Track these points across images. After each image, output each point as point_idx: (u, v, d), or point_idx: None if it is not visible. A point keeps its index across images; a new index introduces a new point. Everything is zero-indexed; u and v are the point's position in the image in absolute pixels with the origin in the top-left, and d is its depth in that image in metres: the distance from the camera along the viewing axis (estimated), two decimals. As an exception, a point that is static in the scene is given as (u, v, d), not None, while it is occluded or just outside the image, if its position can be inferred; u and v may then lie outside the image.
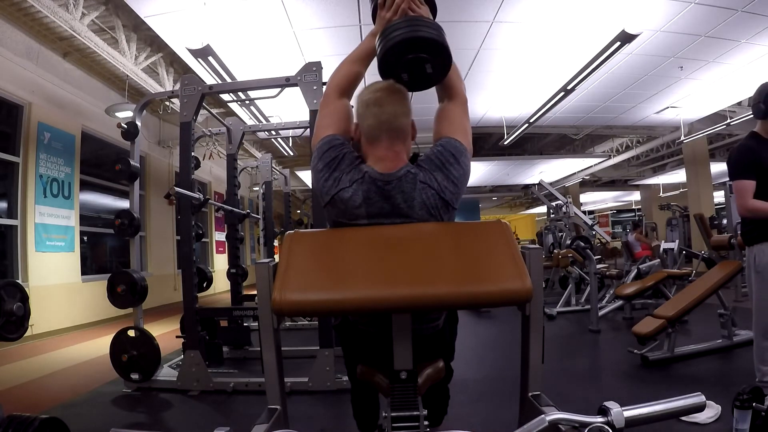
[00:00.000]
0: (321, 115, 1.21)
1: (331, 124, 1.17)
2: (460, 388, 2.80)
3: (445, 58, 1.11)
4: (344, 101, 1.22)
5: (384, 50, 1.09)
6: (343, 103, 1.21)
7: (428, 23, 1.08)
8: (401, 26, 1.07)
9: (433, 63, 1.11)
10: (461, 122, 1.19)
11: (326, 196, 1.11)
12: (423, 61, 1.10)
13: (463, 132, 1.17)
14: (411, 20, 1.08)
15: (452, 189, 1.09)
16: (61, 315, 5.56)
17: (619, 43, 4.57)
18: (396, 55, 1.09)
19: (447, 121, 1.19)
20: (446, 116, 1.19)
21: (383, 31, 1.10)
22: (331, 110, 1.19)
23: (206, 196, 3.45)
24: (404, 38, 1.06)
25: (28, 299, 2.10)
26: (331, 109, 1.20)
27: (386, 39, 1.08)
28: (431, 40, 1.06)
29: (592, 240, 6.60)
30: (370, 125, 1.12)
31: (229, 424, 0.73)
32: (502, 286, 0.85)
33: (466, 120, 1.21)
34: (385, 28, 1.10)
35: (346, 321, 1.21)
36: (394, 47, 1.07)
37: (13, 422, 1.51)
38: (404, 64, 1.11)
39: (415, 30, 1.06)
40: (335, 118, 1.18)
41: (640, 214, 14.58)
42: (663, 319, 3.16)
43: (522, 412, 0.98)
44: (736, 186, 2.10)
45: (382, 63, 1.12)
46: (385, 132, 1.11)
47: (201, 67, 4.84)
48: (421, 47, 1.07)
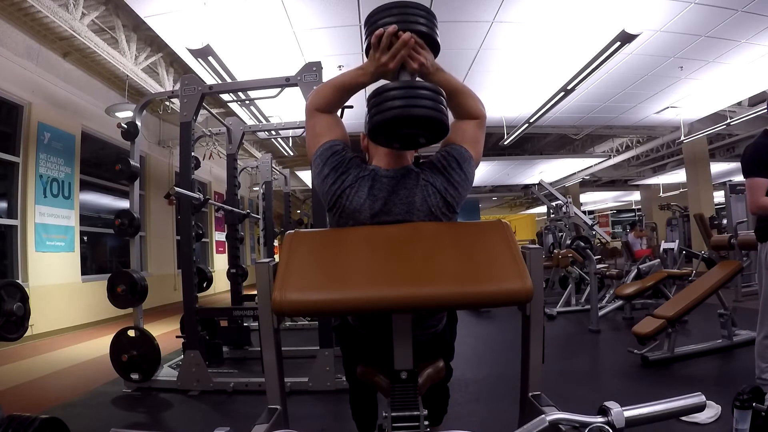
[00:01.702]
0: (311, 125, 1.17)
1: (326, 131, 1.16)
2: (460, 387, 2.80)
3: (441, 131, 1.04)
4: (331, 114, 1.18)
5: (376, 122, 1.00)
6: (329, 114, 1.18)
7: (426, 93, 0.98)
8: (396, 96, 0.97)
9: (427, 137, 1.04)
10: (473, 134, 1.16)
11: (332, 197, 1.10)
12: (416, 135, 1.04)
13: (473, 141, 1.16)
14: (408, 90, 0.98)
15: (453, 192, 1.10)
16: (61, 315, 5.56)
17: (619, 43, 4.57)
18: (387, 129, 1.01)
19: (459, 132, 1.16)
20: (459, 129, 1.17)
21: (376, 94, 1.00)
22: (320, 120, 1.16)
23: (206, 196, 3.45)
24: (398, 115, 0.97)
25: (28, 299, 2.10)
26: (319, 120, 1.16)
27: (378, 110, 0.99)
28: (427, 117, 0.98)
29: (592, 240, 6.60)
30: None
31: (229, 424, 0.73)
32: (502, 286, 0.85)
33: (480, 131, 1.18)
34: (379, 91, 1.00)
35: (345, 323, 1.21)
36: (386, 123, 0.98)
37: (13, 422, 1.51)
38: (395, 137, 1.04)
39: (410, 105, 0.96)
40: (327, 126, 1.16)
41: (640, 214, 14.58)
42: (663, 319, 3.16)
43: (522, 412, 0.98)
44: (750, 183, 2.11)
45: (372, 132, 1.04)
46: None
47: (201, 67, 4.84)
48: (416, 124, 1.00)
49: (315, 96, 1.16)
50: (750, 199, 2.12)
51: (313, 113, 1.16)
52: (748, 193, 2.14)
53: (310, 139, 1.18)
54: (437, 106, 0.98)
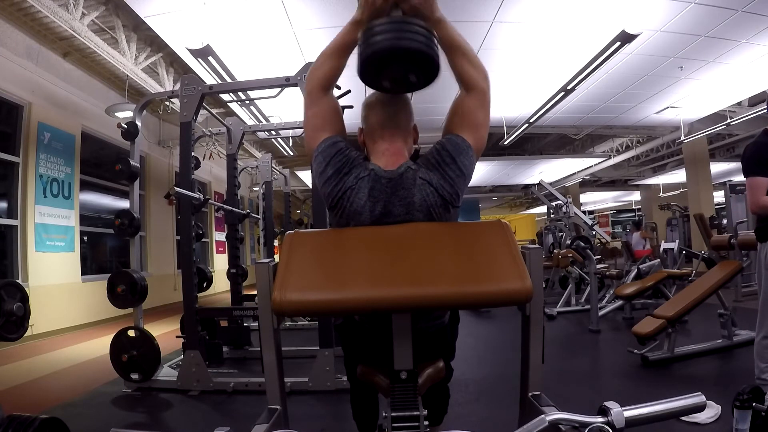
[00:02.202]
0: (310, 115, 1.15)
1: (326, 125, 1.14)
2: (460, 387, 2.81)
3: (433, 69, 1.00)
4: (330, 98, 1.17)
5: (363, 57, 0.96)
6: (329, 100, 1.16)
7: (416, 28, 0.94)
8: (384, 30, 0.94)
9: (418, 74, 1.01)
10: (473, 116, 1.13)
11: (334, 198, 1.10)
12: (407, 71, 1.00)
13: (473, 126, 1.12)
14: (396, 23, 0.95)
15: (449, 189, 1.08)
16: (61, 315, 5.56)
17: (619, 43, 4.57)
18: (376, 64, 0.97)
19: (457, 114, 1.13)
20: (458, 109, 1.13)
21: (365, 31, 0.98)
22: (321, 110, 1.15)
23: (206, 196, 3.45)
24: (385, 47, 0.93)
25: (28, 299, 2.10)
26: (320, 109, 1.15)
27: (366, 44, 0.96)
28: (417, 51, 0.94)
29: (592, 240, 6.60)
30: (372, 124, 1.15)
31: (229, 424, 0.73)
32: (502, 286, 0.85)
33: (482, 112, 1.14)
34: (368, 28, 0.97)
35: (350, 321, 1.21)
36: (374, 56, 0.95)
37: (13, 422, 1.51)
38: (385, 74, 1.01)
39: (399, 37, 0.93)
40: (327, 118, 1.15)
41: (640, 214, 14.58)
42: (663, 319, 3.16)
43: (522, 412, 0.98)
44: (750, 183, 2.11)
45: (362, 70, 1.00)
46: (386, 129, 1.13)
47: (201, 67, 4.83)
48: (406, 58, 0.96)
49: (314, 71, 1.13)
50: (750, 199, 2.12)
51: (313, 97, 1.14)
52: (748, 192, 2.14)
53: (309, 131, 1.16)
54: (428, 42, 0.94)
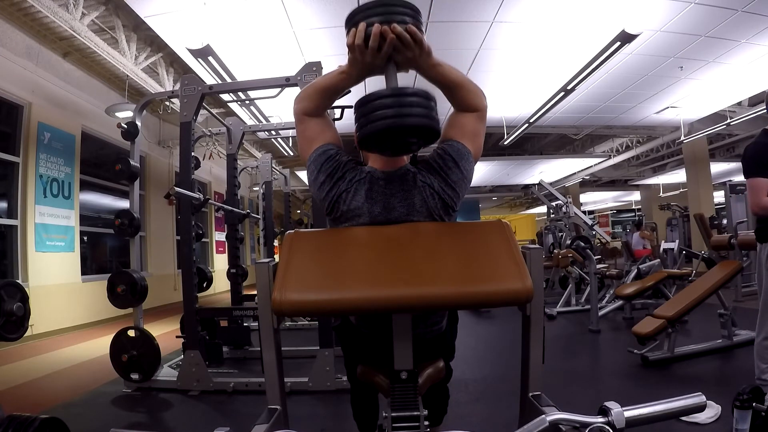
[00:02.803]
0: (301, 130, 1.15)
1: (318, 135, 1.13)
2: (460, 387, 2.81)
3: (433, 136, 0.99)
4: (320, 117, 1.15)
5: (364, 134, 0.96)
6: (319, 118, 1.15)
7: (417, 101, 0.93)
8: (383, 105, 0.92)
9: (419, 141, 1.00)
10: (473, 127, 1.12)
11: (330, 204, 1.10)
12: (409, 142, 1.00)
13: (473, 135, 1.12)
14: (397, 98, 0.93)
15: (450, 193, 1.08)
16: (61, 315, 5.56)
17: (619, 43, 4.57)
18: (378, 139, 0.97)
19: (457, 127, 1.13)
20: (457, 123, 1.13)
21: (363, 103, 0.96)
22: (310, 124, 1.14)
23: (206, 196, 3.45)
24: (389, 126, 0.92)
25: (28, 299, 2.10)
26: (308, 126, 1.14)
27: (367, 120, 0.94)
28: (419, 126, 0.93)
29: (592, 240, 6.60)
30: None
31: (229, 424, 0.73)
32: (502, 287, 0.85)
33: (480, 124, 1.14)
34: (367, 100, 0.95)
35: (347, 323, 1.21)
36: (377, 134, 0.94)
37: (13, 422, 1.51)
38: (387, 145, 1.01)
39: (400, 115, 0.92)
40: (319, 129, 1.14)
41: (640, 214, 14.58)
42: (663, 319, 3.16)
43: (522, 412, 0.98)
44: (750, 183, 2.11)
45: (362, 143, 1.00)
46: None
47: (201, 67, 4.83)
48: (408, 132, 0.95)
49: (301, 101, 1.13)
50: (751, 200, 2.12)
51: (302, 118, 1.14)
52: (749, 193, 2.14)
53: (302, 143, 1.16)
54: (429, 113, 0.94)
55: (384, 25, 0.92)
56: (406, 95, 0.94)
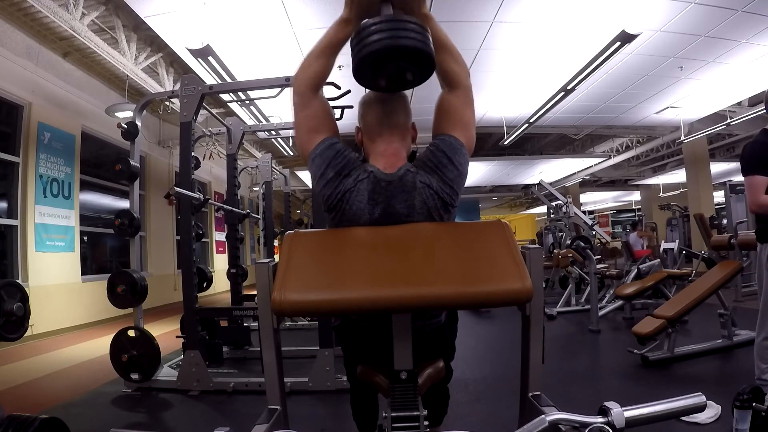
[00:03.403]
0: (303, 117, 1.13)
1: (319, 127, 1.12)
2: (460, 387, 2.81)
3: (429, 65, 1.00)
4: (321, 98, 1.15)
5: (360, 57, 0.95)
6: (320, 101, 1.14)
7: (411, 25, 0.94)
8: (379, 29, 0.93)
9: (414, 71, 1.00)
10: (461, 114, 1.12)
11: (333, 201, 1.09)
12: (404, 69, 0.99)
13: (462, 125, 1.12)
14: (391, 22, 0.94)
15: (448, 191, 1.08)
16: (61, 315, 5.56)
17: (619, 43, 4.57)
18: (373, 64, 0.97)
19: (445, 114, 1.13)
20: (445, 108, 1.13)
21: (359, 32, 0.96)
22: (314, 111, 1.12)
23: (206, 196, 3.45)
24: (383, 47, 0.92)
25: (28, 299, 2.10)
26: (313, 111, 1.12)
27: (361, 44, 0.94)
28: (414, 48, 0.93)
29: (592, 240, 6.60)
30: (370, 122, 1.14)
31: (229, 424, 0.73)
32: (502, 286, 0.85)
33: (468, 110, 1.14)
34: (361, 28, 0.96)
35: (347, 321, 1.21)
36: (371, 56, 0.94)
37: (13, 422, 1.51)
38: (382, 73, 1.00)
39: (395, 36, 0.92)
40: (321, 119, 1.13)
41: (640, 214, 14.58)
42: (663, 319, 3.16)
43: (522, 412, 0.98)
44: (749, 182, 2.11)
45: (357, 71, 0.99)
46: (385, 127, 1.12)
47: (201, 67, 4.83)
48: (402, 56, 0.95)
49: (303, 71, 1.11)
50: (750, 198, 2.12)
51: (304, 98, 1.11)
52: (747, 191, 2.14)
53: (303, 133, 1.14)
54: (424, 39, 0.94)
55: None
56: (401, 20, 0.94)
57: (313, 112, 1.12)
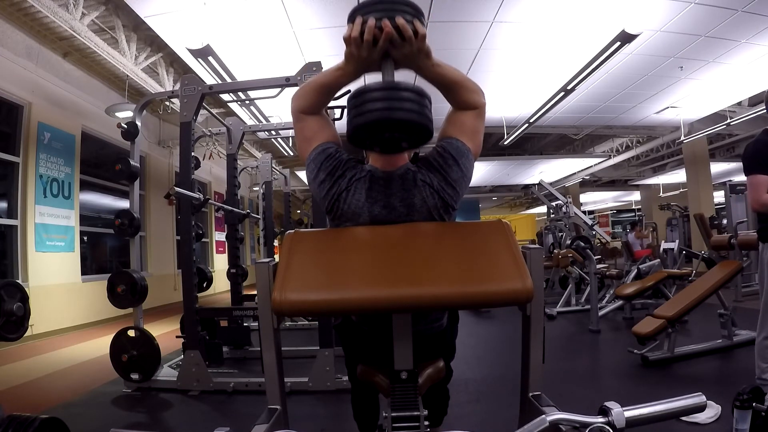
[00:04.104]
0: (298, 129, 1.14)
1: (316, 133, 1.13)
2: (460, 387, 2.81)
3: (424, 134, 0.98)
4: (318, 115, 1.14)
5: (354, 126, 0.94)
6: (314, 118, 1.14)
7: (409, 95, 0.92)
8: (377, 98, 0.91)
9: (409, 140, 0.99)
10: (472, 125, 1.11)
11: (330, 202, 1.09)
12: (399, 138, 0.98)
13: (472, 133, 1.11)
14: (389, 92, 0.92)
15: (450, 192, 1.08)
16: (61, 315, 5.56)
17: (619, 43, 4.57)
18: (368, 132, 0.96)
19: (456, 125, 1.12)
20: (456, 121, 1.12)
21: (356, 95, 0.94)
22: (308, 123, 1.13)
23: (206, 196, 3.45)
24: (378, 119, 0.91)
25: (28, 299, 2.10)
26: (306, 124, 1.13)
27: (358, 112, 0.93)
28: (409, 121, 0.92)
29: (592, 240, 6.60)
30: None
31: (229, 424, 0.73)
32: (502, 286, 0.85)
33: (479, 122, 1.13)
34: (359, 92, 0.94)
35: (348, 321, 1.21)
36: (366, 127, 0.93)
37: (14, 422, 1.51)
38: (377, 140, 0.99)
39: (392, 108, 0.90)
40: (315, 129, 1.13)
41: (640, 214, 14.59)
42: (663, 319, 3.16)
43: (522, 413, 0.98)
44: (751, 181, 2.11)
45: (352, 136, 0.98)
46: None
47: (201, 67, 4.83)
48: (398, 128, 0.94)
49: (298, 99, 1.12)
50: (752, 197, 2.12)
51: (300, 116, 1.13)
52: (749, 190, 2.14)
53: (300, 142, 1.15)
54: (421, 110, 0.93)
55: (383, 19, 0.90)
56: (399, 89, 0.92)
57: (307, 125, 1.13)
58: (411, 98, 0.92)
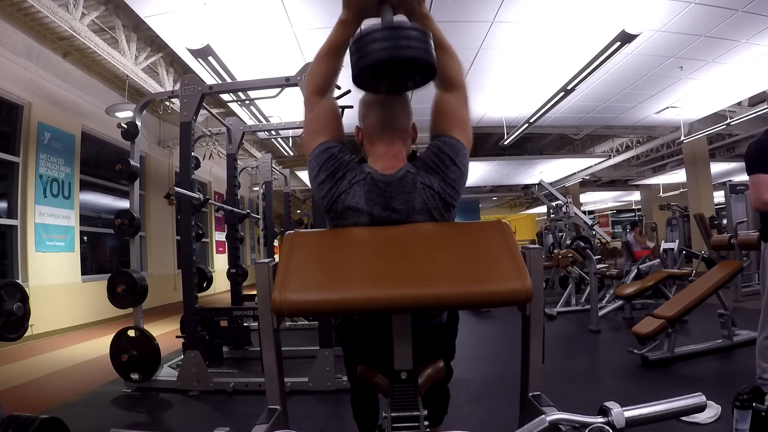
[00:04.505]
0: (308, 119, 1.16)
1: (321, 129, 1.14)
2: (460, 387, 2.81)
3: (430, 72, 0.99)
4: (328, 101, 1.16)
5: (360, 67, 0.94)
6: (327, 103, 1.16)
7: (412, 33, 0.92)
8: (379, 38, 0.91)
9: (415, 78, 1.00)
10: (459, 115, 1.13)
11: (328, 203, 1.10)
12: (405, 77, 0.99)
13: (462, 125, 1.13)
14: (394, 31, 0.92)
15: (450, 192, 1.08)
16: (61, 315, 5.56)
17: (619, 43, 4.57)
18: (373, 73, 0.95)
19: (443, 114, 1.13)
20: (443, 109, 1.13)
21: (358, 39, 0.94)
22: (318, 114, 1.14)
23: (206, 196, 3.45)
24: (384, 57, 0.91)
25: (28, 299, 2.10)
26: (317, 113, 1.14)
27: (362, 53, 0.93)
28: (417, 58, 0.92)
29: (592, 240, 6.60)
30: (371, 124, 1.14)
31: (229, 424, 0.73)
32: (502, 286, 0.85)
33: (465, 110, 1.15)
34: (361, 35, 0.94)
35: (348, 320, 1.21)
36: (372, 66, 0.93)
37: (14, 422, 1.51)
38: (383, 80, 1.00)
39: (396, 46, 0.90)
40: (323, 122, 1.14)
41: (640, 214, 14.58)
42: (663, 319, 3.16)
43: (522, 413, 0.98)
44: (753, 180, 2.11)
45: (357, 78, 0.98)
46: (385, 131, 1.12)
47: (201, 67, 4.84)
48: (404, 66, 0.94)
49: (310, 75, 1.14)
50: (754, 196, 2.12)
51: (311, 102, 1.14)
52: (752, 189, 2.14)
53: (307, 135, 1.16)
54: (426, 47, 0.93)
55: None
56: (403, 29, 0.93)
57: (318, 115, 1.14)
58: (416, 36, 0.93)
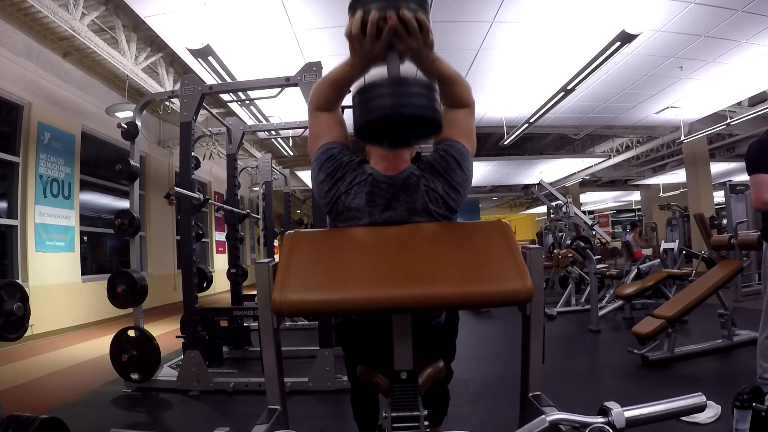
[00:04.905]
0: (312, 125, 1.17)
1: (325, 132, 1.14)
2: (460, 387, 2.81)
3: (434, 128, 0.95)
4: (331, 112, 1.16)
5: (362, 122, 0.91)
6: (330, 113, 1.15)
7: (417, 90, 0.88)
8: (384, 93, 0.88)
9: (419, 133, 0.97)
10: (466, 125, 1.14)
11: (329, 203, 1.10)
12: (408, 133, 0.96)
13: (468, 133, 1.14)
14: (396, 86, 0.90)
15: (455, 196, 1.08)
16: (61, 315, 5.56)
17: (619, 43, 4.57)
18: (376, 129, 0.92)
19: (451, 122, 1.12)
20: (450, 119, 1.12)
21: (362, 91, 0.92)
22: (321, 119, 1.15)
23: (206, 196, 3.45)
24: (387, 115, 0.88)
25: (28, 299, 2.10)
26: (320, 119, 1.15)
27: (364, 108, 0.90)
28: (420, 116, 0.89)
29: (592, 240, 6.60)
30: None
31: (229, 424, 0.73)
32: (502, 286, 0.85)
33: (472, 121, 1.16)
34: (365, 88, 0.91)
35: (348, 320, 1.21)
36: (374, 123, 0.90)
37: (13, 422, 1.51)
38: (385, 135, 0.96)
39: (400, 103, 0.87)
40: (327, 126, 1.15)
41: (640, 214, 14.58)
42: (663, 319, 3.16)
43: (522, 413, 0.98)
44: (754, 180, 2.11)
45: (359, 132, 0.95)
46: None
47: (201, 67, 4.83)
48: (408, 122, 0.91)
49: (314, 94, 1.15)
50: (755, 195, 2.11)
51: (315, 112, 1.15)
52: (752, 189, 2.14)
53: (310, 139, 1.18)
54: (430, 103, 0.90)
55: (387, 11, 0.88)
56: (407, 84, 0.90)
57: (320, 121, 1.15)
58: (419, 92, 0.90)
